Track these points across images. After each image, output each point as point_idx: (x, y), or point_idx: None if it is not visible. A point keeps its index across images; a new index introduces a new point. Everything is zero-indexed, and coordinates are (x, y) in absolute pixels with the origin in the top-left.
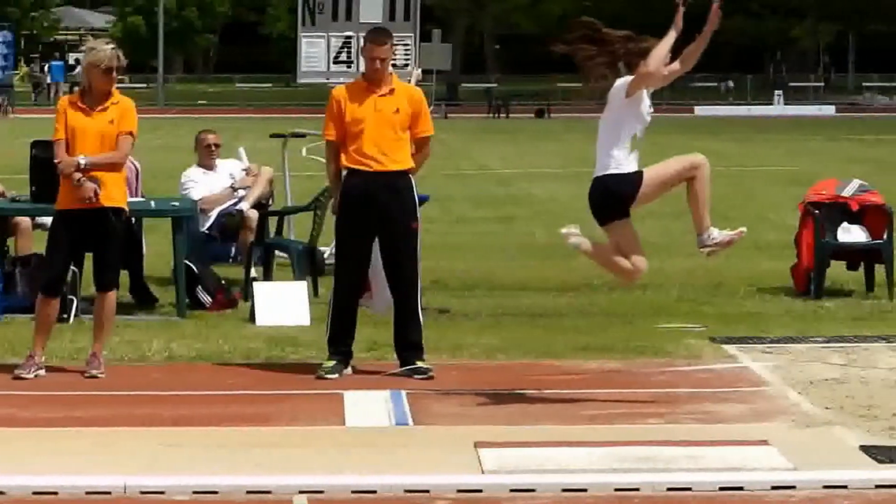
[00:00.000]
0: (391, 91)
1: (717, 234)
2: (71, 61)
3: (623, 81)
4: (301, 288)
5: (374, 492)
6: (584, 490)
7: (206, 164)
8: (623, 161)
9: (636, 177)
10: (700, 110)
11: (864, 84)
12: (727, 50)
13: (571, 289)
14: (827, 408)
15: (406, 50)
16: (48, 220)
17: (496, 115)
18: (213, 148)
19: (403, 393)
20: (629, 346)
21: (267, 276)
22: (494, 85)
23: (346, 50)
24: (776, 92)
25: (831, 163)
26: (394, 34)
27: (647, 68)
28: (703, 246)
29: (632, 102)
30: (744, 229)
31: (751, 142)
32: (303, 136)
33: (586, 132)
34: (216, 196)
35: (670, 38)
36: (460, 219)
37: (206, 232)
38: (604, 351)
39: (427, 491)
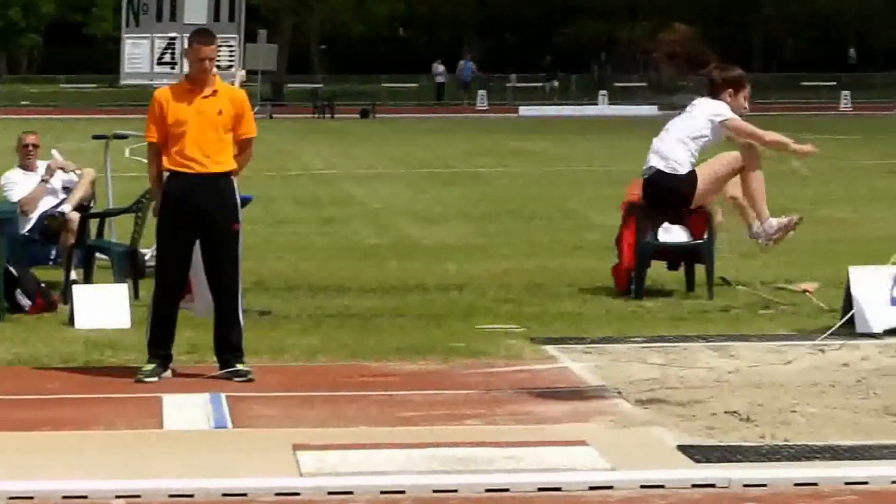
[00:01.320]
0: (214, 92)
1: (775, 221)
2: None
3: (719, 106)
4: (121, 290)
5: (192, 496)
6: (403, 492)
7: (25, 165)
8: (686, 165)
9: (692, 176)
10: (525, 111)
11: (682, 84)
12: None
13: (391, 290)
14: (646, 408)
15: (230, 51)
16: None
17: (321, 115)
18: (32, 149)
19: (223, 396)
20: (448, 347)
21: (87, 279)
22: (320, 85)
23: (170, 51)
24: (601, 92)
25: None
26: (218, 35)
27: (750, 136)
28: (765, 237)
29: (720, 129)
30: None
31: (575, 142)
32: (125, 137)
33: (410, 132)
34: (32, 194)
35: (773, 137)
36: (283, 220)
37: (27, 234)
38: (423, 352)
39: (245, 494)
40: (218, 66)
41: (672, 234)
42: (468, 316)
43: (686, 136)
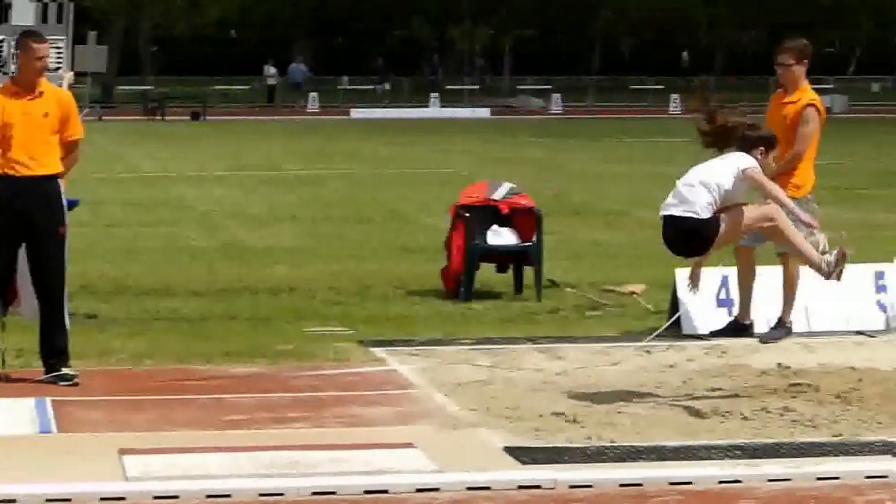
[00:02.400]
0: (40, 94)
1: (830, 258)
2: None
3: (746, 159)
4: None
5: (15, 501)
6: (229, 496)
7: None
8: (708, 210)
9: (714, 223)
10: (356, 113)
11: (518, 87)
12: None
13: (220, 293)
14: (473, 409)
15: (58, 53)
16: None
17: (152, 117)
18: None
19: (48, 400)
20: (277, 350)
21: None
22: (150, 87)
23: None
24: (432, 94)
25: (485, 165)
26: (47, 37)
27: (762, 189)
28: (830, 276)
29: (741, 180)
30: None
31: (406, 144)
32: None
33: (241, 135)
34: None
35: (777, 195)
36: (112, 223)
37: None
38: (251, 355)
39: (69, 500)
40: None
41: (501, 236)
42: (297, 319)
43: (710, 182)
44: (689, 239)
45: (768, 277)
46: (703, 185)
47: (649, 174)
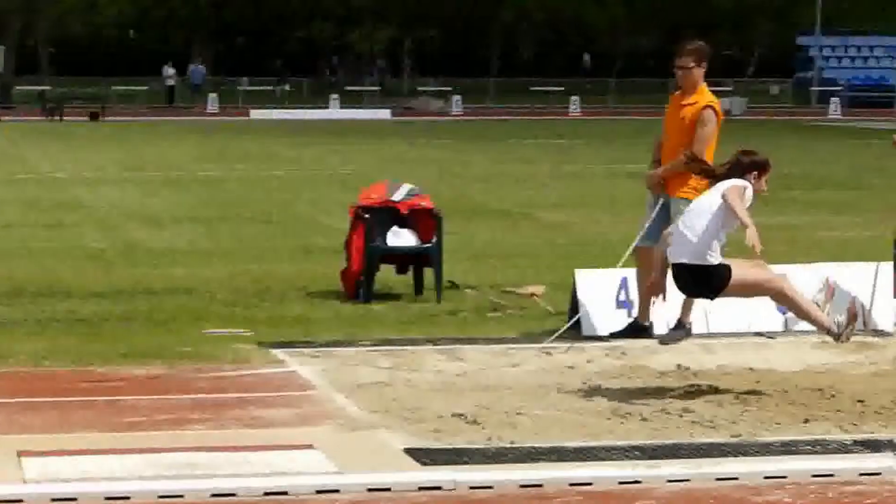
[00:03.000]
0: None
1: (840, 318)
2: None
3: (729, 182)
4: None
5: None
6: (128, 498)
7: None
8: (717, 252)
9: (726, 272)
10: (255, 114)
11: (419, 88)
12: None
13: (119, 294)
14: (373, 411)
15: None
16: None
17: (50, 118)
18: None
19: None
20: (176, 351)
21: None
22: (48, 87)
23: None
24: (332, 96)
25: (385, 166)
26: None
27: (733, 210)
28: (839, 337)
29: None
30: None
31: (305, 145)
32: None
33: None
34: None
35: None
36: (8, 224)
37: None
38: (149, 357)
39: None
40: None
41: (401, 237)
42: (196, 320)
43: (709, 223)
44: (702, 285)
45: (667, 278)
46: (704, 228)
47: (550, 175)
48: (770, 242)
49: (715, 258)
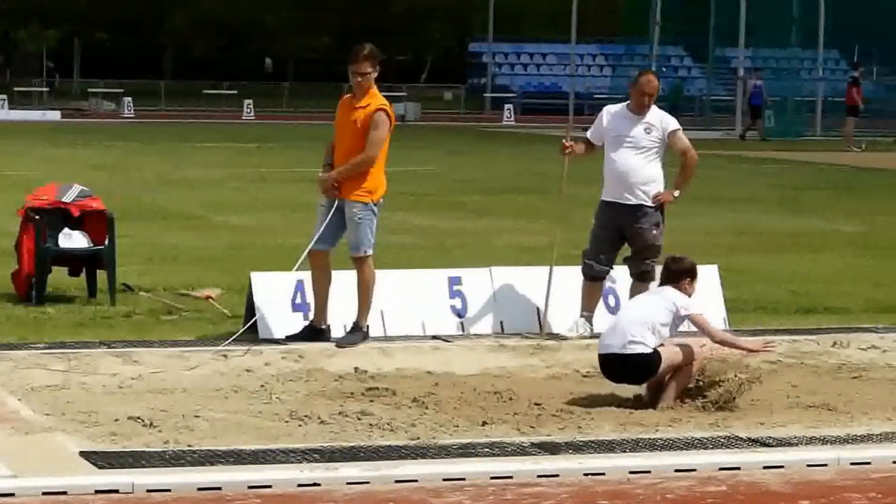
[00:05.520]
0: None
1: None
2: None
3: (683, 298)
4: None
5: None
6: None
7: None
8: (652, 342)
9: (657, 359)
10: None
11: (90, 90)
12: None
13: None
14: (48, 414)
15: None
16: None
17: None
18: None
19: None
20: None
21: None
22: None
23: None
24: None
25: (56, 168)
26: None
27: (704, 330)
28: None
29: (681, 320)
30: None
31: None
32: None
33: None
34: None
35: (722, 336)
36: None
37: None
38: None
39: None
40: None
41: (72, 240)
42: None
43: (653, 321)
44: (635, 373)
45: (344, 281)
46: (645, 325)
47: (224, 179)
48: (446, 248)
49: (649, 350)
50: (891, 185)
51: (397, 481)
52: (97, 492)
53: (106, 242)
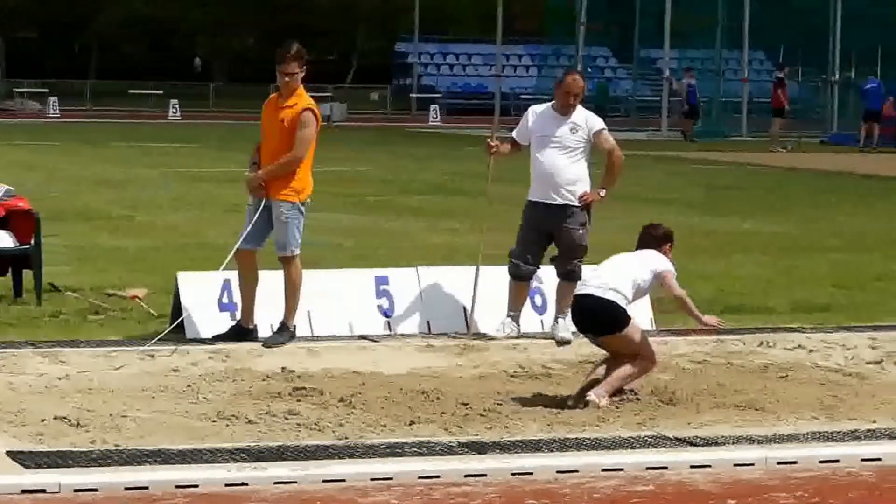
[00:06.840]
0: None
1: (602, 400)
2: None
3: (664, 261)
4: None
5: None
6: None
7: None
8: (627, 299)
9: (625, 317)
10: None
11: (15, 90)
12: None
13: None
14: None
15: None
16: None
17: None
18: None
19: None
20: None
21: None
22: None
23: None
24: None
25: None
26: None
27: (666, 286)
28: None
29: (656, 280)
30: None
31: None
32: None
33: None
34: None
35: (679, 293)
36: None
37: None
38: None
39: None
40: None
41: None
42: None
43: (635, 276)
44: (602, 320)
45: (271, 281)
46: (628, 277)
47: (150, 179)
48: (373, 247)
49: (624, 302)
50: (817, 185)
51: (325, 481)
52: (24, 491)
53: (32, 242)
